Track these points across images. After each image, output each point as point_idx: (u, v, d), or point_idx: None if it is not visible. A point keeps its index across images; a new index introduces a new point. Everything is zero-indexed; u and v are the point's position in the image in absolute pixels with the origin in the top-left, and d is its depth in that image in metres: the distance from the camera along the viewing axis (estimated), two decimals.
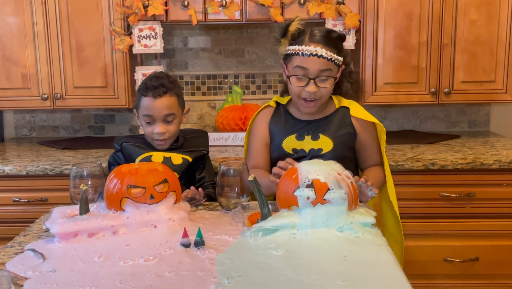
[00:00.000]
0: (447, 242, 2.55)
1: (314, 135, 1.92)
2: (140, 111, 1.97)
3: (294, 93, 1.88)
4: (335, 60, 1.83)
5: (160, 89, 1.93)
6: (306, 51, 1.80)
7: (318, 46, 1.80)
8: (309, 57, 1.80)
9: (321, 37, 1.82)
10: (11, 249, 1.48)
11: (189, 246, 1.43)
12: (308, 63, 1.80)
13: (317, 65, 1.80)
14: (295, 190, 1.52)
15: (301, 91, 1.84)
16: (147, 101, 1.93)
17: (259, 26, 3.11)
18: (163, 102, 1.93)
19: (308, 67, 1.81)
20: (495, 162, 2.46)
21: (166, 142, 1.98)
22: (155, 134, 1.95)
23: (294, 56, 1.83)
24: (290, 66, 1.85)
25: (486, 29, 2.70)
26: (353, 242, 1.44)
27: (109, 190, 1.59)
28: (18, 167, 2.52)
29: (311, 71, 1.81)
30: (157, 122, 1.94)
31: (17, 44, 2.76)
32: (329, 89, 1.87)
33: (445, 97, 2.76)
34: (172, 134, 1.98)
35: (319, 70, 1.81)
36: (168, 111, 1.94)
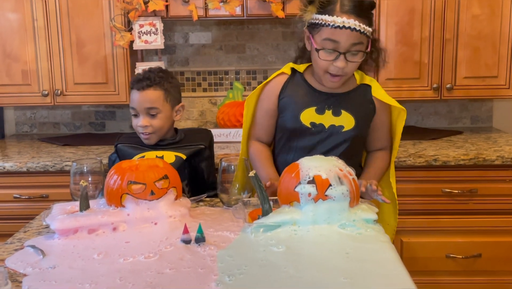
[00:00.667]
0: (449, 239, 2.54)
1: (335, 110, 1.81)
2: (130, 104, 1.99)
3: (321, 67, 1.75)
4: (367, 32, 1.69)
5: (144, 82, 1.93)
6: (338, 23, 1.66)
7: (351, 18, 1.66)
8: (341, 29, 1.66)
9: (354, 7, 1.67)
10: (11, 245, 1.47)
11: (189, 242, 1.42)
12: (340, 36, 1.66)
13: (349, 38, 1.67)
14: (296, 186, 1.51)
15: (329, 65, 1.72)
16: (133, 94, 1.96)
17: (260, 22, 3.10)
18: (145, 96, 1.92)
19: (340, 40, 1.67)
20: (497, 157, 2.45)
21: (150, 136, 1.96)
22: (138, 128, 1.95)
23: (323, 27, 1.69)
24: (318, 38, 1.71)
25: (489, 24, 2.68)
26: (356, 238, 1.43)
27: (109, 186, 1.58)
28: (18, 163, 2.51)
29: (342, 45, 1.68)
30: (140, 116, 1.94)
31: (18, 40, 2.75)
32: (357, 65, 1.76)
33: (447, 93, 2.74)
34: (156, 129, 1.95)
35: (350, 44, 1.68)
36: (150, 105, 1.92)
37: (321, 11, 1.70)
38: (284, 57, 3.13)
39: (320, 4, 1.70)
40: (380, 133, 1.91)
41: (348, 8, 1.67)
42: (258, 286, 1.16)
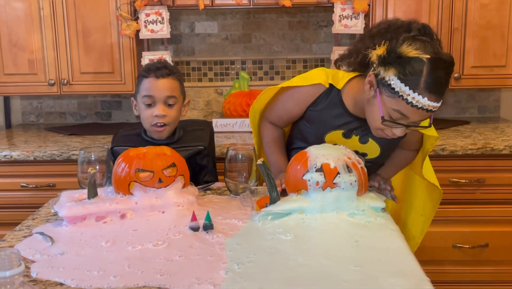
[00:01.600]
0: (456, 228, 2.53)
1: (363, 137, 1.71)
2: (139, 95, 1.89)
3: (378, 127, 1.58)
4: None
5: (163, 70, 1.88)
6: (418, 104, 1.45)
7: (431, 98, 1.44)
8: (418, 110, 1.46)
9: (439, 85, 1.45)
10: (20, 232, 1.47)
11: (197, 229, 1.42)
12: (414, 114, 1.48)
13: (421, 116, 1.49)
14: (304, 174, 1.51)
15: (387, 129, 1.56)
16: (149, 82, 1.87)
17: (267, 11, 3.08)
18: (165, 83, 1.87)
19: (412, 118, 1.49)
20: (505, 147, 2.43)
21: (165, 129, 1.89)
22: (154, 118, 1.86)
23: (398, 98, 1.47)
24: (388, 103, 1.50)
25: (498, 13, 2.66)
26: (365, 227, 1.42)
27: (117, 174, 1.58)
28: (26, 152, 2.51)
29: (411, 121, 1.51)
30: (158, 104, 1.86)
31: (24, 30, 2.75)
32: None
33: (455, 82, 2.72)
34: (172, 121, 1.89)
35: (418, 121, 1.52)
36: (170, 93, 1.87)
37: (402, 78, 1.45)
38: (290, 46, 3.11)
39: (408, 70, 1.44)
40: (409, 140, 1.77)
41: (433, 87, 1.44)
42: (267, 274, 1.16)
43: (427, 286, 1.10)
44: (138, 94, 1.91)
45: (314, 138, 1.74)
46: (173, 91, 1.89)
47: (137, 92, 1.92)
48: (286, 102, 1.79)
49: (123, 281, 1.14)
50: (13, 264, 0.73)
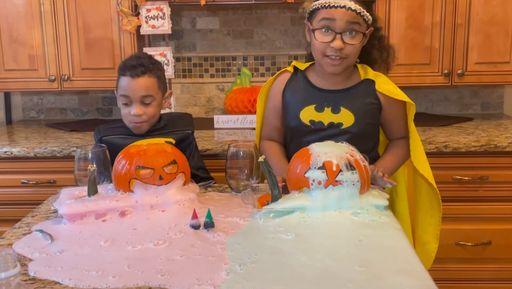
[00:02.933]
0: (459, 226, 2.51)
1: (334, 107, 1.80)
2: (118, 92, 1.88)
3: (319, 50, 1.73)
4: (364, 15, 1.69)
5: (138, 69, 1.83)
6: (333, 3, 1.68)
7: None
8: (336, 8, 1.67)
9: None
10: (19, 230, 1.46)
11: (198, 227, 1.41)
12: (336, 14, 1.67)
13: (345, 16, 1.67)
14: (306, 171, 1.49)
15: (326, 47, 1.70)
16: (125, 81, 1.84)
17: (269, 7, 3.06)
18: (140, 83, 1.83)
19: (336, 17, 1.67)
20: (509, 144, 2.41)
21: (142, 125, 1.88)
22: (131, 117, 1.86)
23: (320, 10, 1.70)
24: (315, 21, 1.72)
25: (502, 9, 2.63)
26: (369, 225, 1.40)
27: (118, 171, 1.56)
28: (26, 148, 2.50)
29: (338, 24, 1.68)
30: (134, 104, 1.85)
31: (24, 25, 2.73)
32: (357, 48, 1.72)
33: (458, 79, 2.70)
34: (149, 117, 1.88)
35: (346, 22, 1.67)
36: (146, 93, 1.84)
37: None
38: (293, 42, 3.09)
39: None
40: (395, 125, 1.87)
41: None
42: (269, 275, 1.14)
43: (432, 286, 1.08)
44: (117, 90, 1.90)
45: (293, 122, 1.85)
46: (149, 90, 1.85)
47: (117, 88, 1.91)
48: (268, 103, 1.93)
49: (122, 281, 1.12)
50: (9, 265, 0.72)
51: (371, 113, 1.83)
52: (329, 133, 1.79)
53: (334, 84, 1.82)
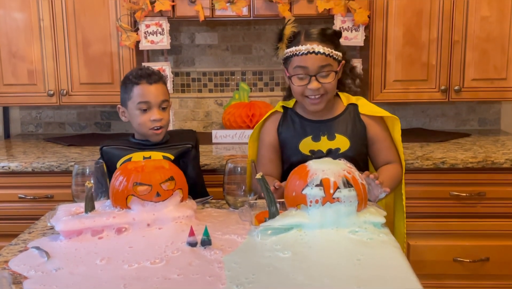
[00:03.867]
0: (457, 242, 2.51)
1: (329, 135, 1.91)
2: (133, 101, 1.92)
3: (298, 93, 1.86)
4: (333, 55, 1.83)
5: (154, 76, 1.93)
6: (303, 50, 1.80)
7: (314, 44, 1.80)
8: (306, 55, 1.80)
9: (317, 35, 1.83)
10: (15, 246, 1.46)
11: (195, 245, 1.40)
12: (307, 61, 1.80)
13: (316, 61, 1.80)
14: (303, 188, 1.49)
15: (304, 89, 1.83)
16: (142, 88, 1.91)
17: (267, 23, 3.08)
18: (158, 88, 1.93)
19: (307, 65, 1.80)
20: (506, 160, 2.42)
21: (162, 131, 1.95)
22: (151, 122, 1.91)
23: (292, 58, 1.83)
24: (291, 68, 1.85)
25: (498, 26, 2.66)
26: (367, 244, 1.40)
27: (115, 187, 1.56)
28: (24, 163, 2.50)
29: (311, 69, 1.80)
30: (154, 109, 1.92)
31: (23, 40, 2.75)
32: (333, 84, 1.85)
33: (455, 95, 2.72)
34: (166, 123, 1.96)
35: (318, 67, 1.80)
36: (164, 97, 1.94)
37: (289, 45, 1.85)
38: None
39: (287, 40, 1.86)
40: (377, 146, 1.94)
41: (312, 36, 1.82)
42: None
43: None
44: (130, 101, 1.93)
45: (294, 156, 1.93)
46: (166, 95, 1.96)
47: (128, 99, 1.94)
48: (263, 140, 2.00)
49: None
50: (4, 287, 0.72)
51: (361, 134, 1.93)
52: None
53: (322, 115, 1.94)
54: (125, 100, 1.95)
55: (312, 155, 1.90)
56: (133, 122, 1.96)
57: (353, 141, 1.90)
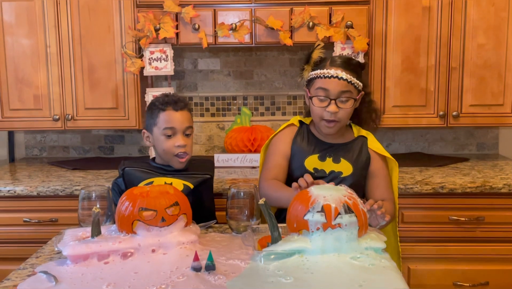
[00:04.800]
0: (456, 266, 2.53)
1: (335, 158, 2.00)
2: (158, 127, 1.98)
3: (316, 114, 1.95)
4: (355, 83, 1.92)
5: (180, 103, 2.00)
6: (327, 74, 1.91)
7: (338, 70, 1.91)
8: (330, 79, 1.90)
9: (342, 63, 1.94)
10: (24, 271, 1.49)
11: (200, 270, 1.43)
12: (330, 84, 1.90)
13: (338, 86, 1.90)
14: (305, 214, 1.53)
15: (323, 112, 1.92)
16: (168, 115, 1.97)
17: (268, 49, 3.15)
18: (184, 115, 1.99)
19: (329, 88, 1.90)
20: (504, 185, 2.46)
21: (186, 158, 1.99)
22: (176, 148, 1.96)
23: (316, 79, 1.94)
24: (313, 89, 1.95)
25: (494, 53, 2.72)
26: (369, 270, 1.43)
27: (121, 212, 1.60)
28: (29, 187, 2.54)
29: (332, 92, 1.90)
30: (178, 135, 1.97)
31: (30, 66, 2.81)
32: (349, 111, 1.94)
33: (453, 120, 2.77)
34: (190, 149, 2.01)
35: (339, 92, 1.90)
36: (189, 124, 2.00)
37: (315, 68, 1.96)
38: (291, 83, 3.17)
39: (314, 63, 1.97)
40: (377, 180, 2.01)
41: (337, 63, 1.93)
42: None
43: None
44: (156, 126, 1.99)
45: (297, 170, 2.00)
46: (190, 122, 2.03)
47: (153, 124, 2.00)
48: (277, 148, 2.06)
49: None
50: None
51: (365, 166, 2.01)
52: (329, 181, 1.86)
53: (333, 139, 2.03)
54: (151, 126, 2.01)
55: (315, 173, 1.96)
56: (157, 147, 2.01)
57: (355, 169, 1.98)
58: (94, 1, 2.76)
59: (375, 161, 2.01)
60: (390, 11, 2.71)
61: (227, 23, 2.73)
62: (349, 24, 2.69)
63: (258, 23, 2.72)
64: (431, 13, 2.70)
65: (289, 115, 3.15)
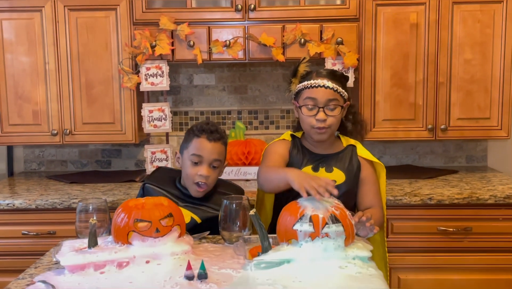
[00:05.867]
0: (445, 276, 2.59)
1: (328, 168, 2.05)
2: (188, 151, 2.00)
3: (306, 123, 2.01)
4: (340, 92, 2.00)
5: (215, 134, 2.01)
6: (314, 84, 1.99)
7: (324, 79, 1.99)
8: (317, 88, 1.98)
9: (327, 74, 2.02)
10: (23, 280, 1.54)
11: (192, 278, 1.49)
12: (317, 93, 1.98)
13: (325, 95, 1.97)
14: (294, 224, 1.59)
15: (312, 120, 1.98)
16: (200, 142, 1.99)
17: (262, 65, 3.23)
18: (215, 147, 2.00)
19: (317, 97, 1.97)
20: (490, 196, 2.52)
21: (205, 189, 2.00)
22: (198, 176, 1.97)
23: (304, 90, 2.01)
24: (301, 99, 2.02)
25: (481, 68, 2.80)
26: (356, 278, 1.49)
27: (117, 224, 1.65)
28: (27, 200, 2.60)
29: (320, 100, 1.97)
30: (204, 164, 1.98)
31: (29, 82, 2.88)
32: (338, 118, 2.01)
33: (442, 133, 2.84)
34: (212, 182, 2.01)
35: (327, 100, 1.97)
36: (217, 157, 2.00)
37: (302, 80, 2.04)
38: (284, 97, 3.24)
39: (301, 76, 2.05)
40: (366, 188, 2.07)
41: (322, 74, 2.02)
42: None
43: None
44: (186, 150, 2.02)
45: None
46: (220, 155, 2.02)
47: (185, 148, 2.04)
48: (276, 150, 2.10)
49: None
50: None
51: (356, 173, 2.07)
52: None
53: (324, 150, 2.09)
54: (183, 149, 2.05)
55: None
56: (183, 171, 2.04)
57: (348, 177, 2.04)
58: (92, 20, 2.84)
59: (365, 168, 2.07)
60: (379, 28, 2.80)
61: (221, 40, 2.81)
62: (340, 40, 2.77)
63: (251, 40, 2.81)
64: (419, 30, 2.79)
65: (283, 129, 3.22)
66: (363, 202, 2.05)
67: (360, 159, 2.08)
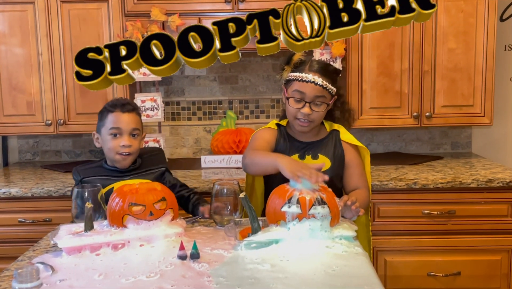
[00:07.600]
0: (430, 258, 2.68)
1: (313, 155, 2.12)
2: (106, 128, 2.06)
3: (291, 114, 2.06)
4: (329, 89, 2.04)
5: (128, 106, 2.09)
6: (305, 78, 2.02)
7: (316, 75, 2.01)
8: (307, 83, 2.02)
9: (319, 68, 2.04)
10: (22, 262, 1.61)
11: (185, 258, 1.56)
12: (306, 88, 2.01)
13: (314, 91, 2.01)
14: (283, 206, 1.67)
15: (297, 112, 2.03)
16: (115, 116, 2.06)
17: (252, 55, 3.29)
18: (131, 117, 2.08)
19: (306, 91, 2.01)
20: (473, 180, 2.61)
21: (128, 158, 2.07)
22: (120, 147, 2.04)
23: (294, 82, 2.05)
24: (290, 90, 2.06)
25: (464, 57, 2.88)
26: (341, 256, 1.57)
27: (112, 208, 1.73)
28: (23, 189, 2.65)
29: (308, 96, 2.01)
30: (124, 135, 2.05)
31: (23, 74, 2.93)
32: (322, 114, 2.06)
33: (427, 120, 2.92)
34: (135, 150, 2.08)
35: (314, 96, 2.02)
36: (135, 126, 2.07)
37: (294, 70, 2.07)
38: (274, 87, 3.31)
39: (294, 65, 2.07)
40: (351, 171, 2.13)
41: (315, 68, 2.04)
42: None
43: None
44: (104, 127, 2.08)
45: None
46: (137, 124, 2.10)
47: (102, 126, 2.09)
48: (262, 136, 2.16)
49: None
50: (33, 278, 0.88)
51: (341, 158, 2.13)
52: None
53: (308, 137, 2.15)
54: (100, 127, 2.10)
55: None
56: (104, 147, 2.10)
57: (333, 162, 2.10)
58: (84, 11, 2.89)
59: (348, 152, 2.13)
60: None
61: None
62: None
63: None
64: None
65: (273, 118, 3.28)
66: (349, 184, 2.12)
67: (343, 144, 2.14)
